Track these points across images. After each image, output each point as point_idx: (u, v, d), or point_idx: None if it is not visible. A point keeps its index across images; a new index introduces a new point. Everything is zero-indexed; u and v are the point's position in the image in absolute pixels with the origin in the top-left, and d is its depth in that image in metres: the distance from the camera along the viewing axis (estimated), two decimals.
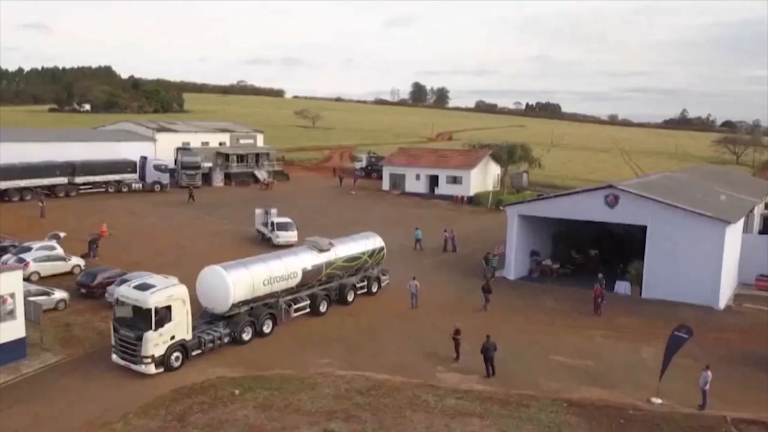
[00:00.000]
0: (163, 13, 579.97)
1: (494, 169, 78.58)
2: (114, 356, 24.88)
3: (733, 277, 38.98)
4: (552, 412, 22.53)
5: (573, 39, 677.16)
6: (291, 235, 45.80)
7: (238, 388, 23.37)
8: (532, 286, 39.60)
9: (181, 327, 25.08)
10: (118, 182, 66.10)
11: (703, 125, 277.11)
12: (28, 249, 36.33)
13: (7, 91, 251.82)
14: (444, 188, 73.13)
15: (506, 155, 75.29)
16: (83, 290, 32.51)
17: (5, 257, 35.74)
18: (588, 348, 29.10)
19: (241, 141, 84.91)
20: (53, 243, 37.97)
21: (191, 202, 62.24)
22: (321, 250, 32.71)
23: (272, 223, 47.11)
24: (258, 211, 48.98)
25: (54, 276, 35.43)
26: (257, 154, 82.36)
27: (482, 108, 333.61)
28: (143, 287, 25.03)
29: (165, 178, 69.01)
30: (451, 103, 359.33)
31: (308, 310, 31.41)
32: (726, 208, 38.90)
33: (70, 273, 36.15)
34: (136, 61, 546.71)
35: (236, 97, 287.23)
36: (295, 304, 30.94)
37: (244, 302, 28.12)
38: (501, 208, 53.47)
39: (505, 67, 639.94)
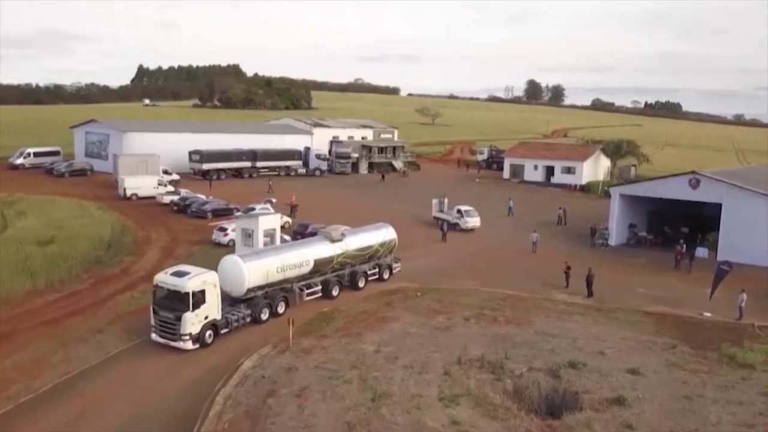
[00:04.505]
0: (282, 12, 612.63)
1: (605, 162, 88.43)
2: (153, 335, 27.70)
3: None
4: (632, 316, 33.64)
5: (699, 34, 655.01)
6: (476, 221, 53.47)
7: (419, 292, 36.11)
8: (629, 250, 50.24)
9: (212, 308, 28.02)
10: (287, 167, 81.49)
11: None
12: (253, 209, 50.58)
13: (150, 89, 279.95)
14: (558, 177, 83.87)
15: (613, 150, 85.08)
16: (298, 237, 46.03)
17: (237, 213, 50.20)
18: (663, 286, 39.91)
19: (382, 135, 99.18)
20: (268, 206, 52.20)
21: (383, 181, 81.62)
22: (333, 241, 35.17)
23: (459, 210, 54.40)
24: (434, 200, 56.91)
25: None
26: (394, 147, 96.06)
27: (598, 106, 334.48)
28: (180, 274, 27.81)
29: (324, 165, 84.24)
30: (567, 101, 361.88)
31: (320, 294, 34.29)
32: None
33: (282, 227, 49.94)
34: (259, 59, 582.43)
35: (355, 95, 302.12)
36: (307, 288, 33.71)
37: (259, 287, 31.07)
38: (606, 188, 63.63)
39: (624, 63, 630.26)
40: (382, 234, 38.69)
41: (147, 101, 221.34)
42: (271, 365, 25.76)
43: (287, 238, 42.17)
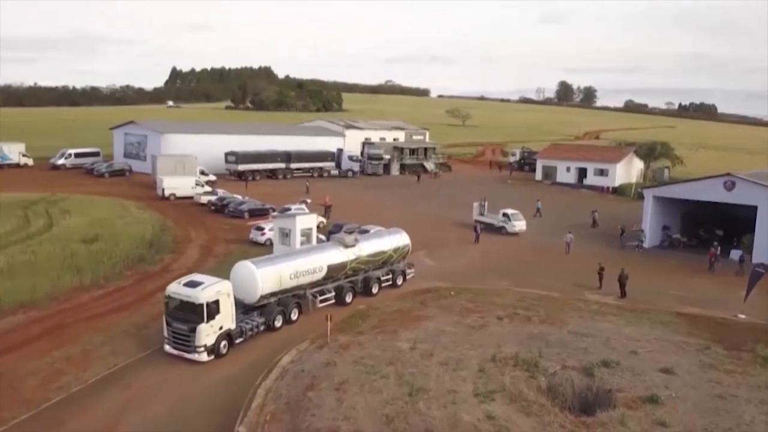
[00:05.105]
0: (312, 14, 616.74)
1: (638, 165, 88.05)
2: (166, 347, 27.06)
3: None
4: (664, 317, 33.78)
5: (735, 33, 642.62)
6: (522, 224, 54.06)
7: (453, 291, 36.66)
8: (662, 252, 50.21)
9: (227, 318, 27.43)
10: (320, 168, 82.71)
11: None
12: (288, 209, 51.54)
13: (183, 91, 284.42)
14: (591, 179, 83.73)
15: (647, 152, 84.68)
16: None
17: (273, 213, 51.21)
18: (696, 288, 40.02)
19: (413, 137, 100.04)
20: (303, 206, 53.16)
21: (418, 182, 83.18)
22: (346, 246, 34.81)
23: (505, 214, 54.55)
24: (475, 204, 56.71)
25: None
26: (425, 149, 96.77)
27: (631, 108, 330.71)
28: (193, 284, 27.13)
29: (356, 167, 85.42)
30: (599, 102, 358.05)
31: (333, 301, 33.93)
32: None
33: (317, 227, 50.79)
34: (290, 61, 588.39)
35: (385, 97, 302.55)
36: (321, 295, 33.32)
37: (272, 294, 30.57)
38: (639, 191, 63.48)
39: (657, 64, 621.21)
40: (396, 239, 38.27)
41: (170, 103, 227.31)
42: (310, 360, 26.53)
43: (323, 237, 42.98)
